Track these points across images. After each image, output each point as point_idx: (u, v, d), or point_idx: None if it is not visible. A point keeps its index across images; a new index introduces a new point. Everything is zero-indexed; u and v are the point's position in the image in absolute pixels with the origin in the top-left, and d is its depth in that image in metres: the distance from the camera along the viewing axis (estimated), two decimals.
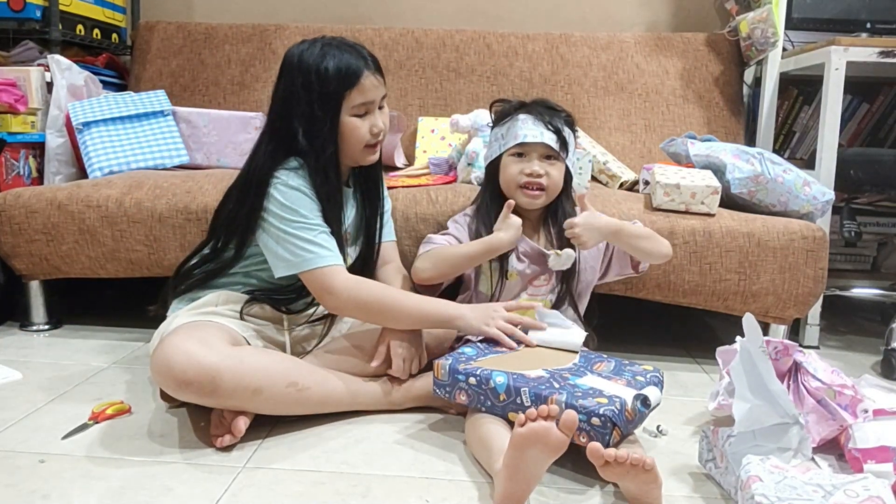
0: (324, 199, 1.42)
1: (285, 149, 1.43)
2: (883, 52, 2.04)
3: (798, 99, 2.62)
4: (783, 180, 1.84)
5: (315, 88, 1.40)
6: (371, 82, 1.43)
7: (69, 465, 1.21)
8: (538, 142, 1.52)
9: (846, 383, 1.32)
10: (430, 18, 2.74)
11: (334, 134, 1.42)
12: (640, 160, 2.41)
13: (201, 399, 1.27)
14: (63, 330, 1.97)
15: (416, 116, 2.50)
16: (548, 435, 1.04)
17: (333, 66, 1.39)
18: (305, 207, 1.39)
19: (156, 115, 2.22)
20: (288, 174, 1.41)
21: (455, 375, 1.30)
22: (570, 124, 1.59)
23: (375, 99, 1.45)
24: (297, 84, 1.41)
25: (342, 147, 1.45)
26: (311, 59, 1.41)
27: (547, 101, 1.60)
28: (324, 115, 1.40)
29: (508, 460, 1.08)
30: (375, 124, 1.45)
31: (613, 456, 1.05)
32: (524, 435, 1.05)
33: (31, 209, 1.83)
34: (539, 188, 1.55)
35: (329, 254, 1.39)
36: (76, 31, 2.38)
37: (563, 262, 1.55)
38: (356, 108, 1.43)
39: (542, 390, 1.22)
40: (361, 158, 1.49)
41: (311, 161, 1.41)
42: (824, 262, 1.80)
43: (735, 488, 1.13)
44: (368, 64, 1.43)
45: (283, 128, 1.44)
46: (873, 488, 1.00)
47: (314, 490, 1.15)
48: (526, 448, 1.05)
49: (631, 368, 1.36)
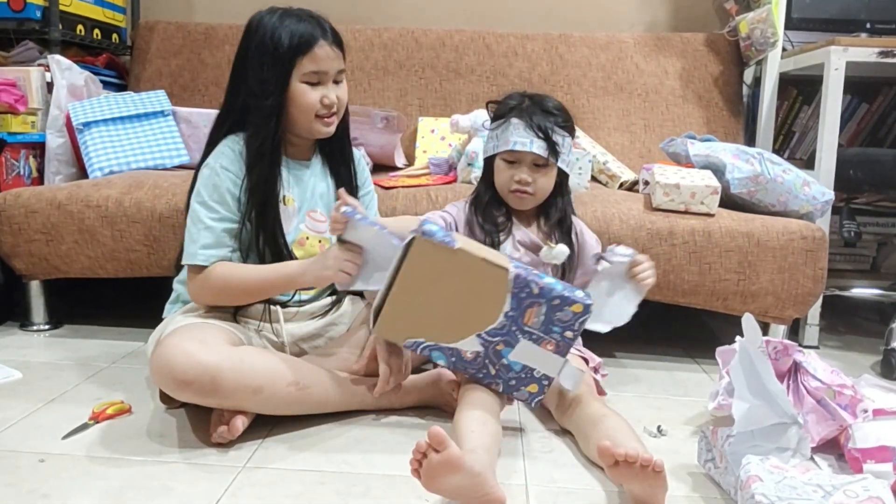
0: (255, 170, 1.41)
1: (231, 122, 1.45)
2: (882, 52, 2.05)
3: (797, 99, 2.62)
4: (783, 180, 1.84)
5: (268, 51, 1.39)
6: (325, 52, 1.41)
7: (69, 464, 1.21)
8: (527, 150, 1.52)
9: (846, 383, 1.32)
10: (430, 18, 2.74)
11: (281, 98, 1.41)
12: (639, 160, 2.41)
13: (202, 399, 1.27)
14: (63, 330, 1.97)
15: (416, 116, 2.50)
16: (447, 461, 1.03)
17: (288, 32, 1.39)
18: (218, 195, 1.40)
19: (156, 116, 2.22)
20: (222, 150, 1.42)
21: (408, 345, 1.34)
22: (567, 127, 1.57)
23: (329, 70, 1.43)
24: (252, 47, 1.42)
25: (291, 114, 1.44)
26: (268, 24, 1.41)
27: (545, 101, 1.58)
28: (273, 77, 1.40)
29: (442, 495, 1.09)
30: (327, 95, 1.43)
31: (624, 455, 1.05)
32: (428, 474, 1.05)
33: (31, 209, 1.83)
34: (528, 193, 1.57)
35: (205, 253, 1.38)
36: (76, 32, 2.38)
37: (554, 256, 1.56)
38: (308, 76, 1.41)
39: (480, 378, 1.33)
40: (314, 129, 1.47)
41: (254, 127, 1.41)
42: (824, 262, 1.80)
43: (734, 488, 1.13)
44: (326, 34, 1.42)
45: (233, 93, 1.45)
46: (873, 489, 1.00)
47: (314, 490, 1.15)
48: (439, 479, 1.05)
49: (560, 315, 1.27)
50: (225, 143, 1.44)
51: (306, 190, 1.52)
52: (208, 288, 1.40)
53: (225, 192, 1.40)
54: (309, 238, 1.52)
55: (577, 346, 1.61)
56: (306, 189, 1.52)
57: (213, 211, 1.40)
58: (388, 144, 2.33)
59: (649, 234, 1.79)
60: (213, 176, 1.41)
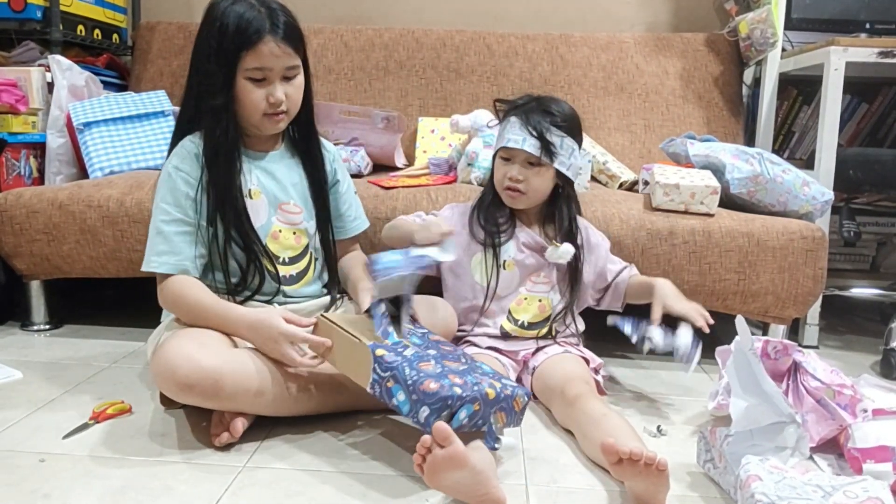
0: (212, 168, 1.38)
1: (186, 120, 1.43)
2: (882, 53, 2.05)
3: (797, 99, 2.62)
4: (782, 180, 1.84)
5: (214, 43, 1.34)
6: (271, 49, 1.34)
7: (70, 464, 1.21)
8: (518, 148, 1.53)
9: (845, 383, 1.32)
10: (431, 18, 2.74)
11: (227, 90, 1.35)
12: (639, 160, 2.41)
13: (204, 402, 1.27)
14: (64, 330, 1.98)
15: (416, 116, 2.50)
16: (451, 457, 1.04)
17: (233, 23, 1.32)
18: (172, 196, 1.38)
19: (156, 116, 2.22)
20: (177, 150, 1.41)
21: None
22: (565, 128, 1.56)
23: (274, 67, 1.36)
24: (203, 35, 1.38)
25: (239, 111, 1.39)
26: (218, 12, 1.35)
27: (547, 102, 1.57)
28: (218, 70, 1.34)
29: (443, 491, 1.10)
30: (272, 94, 1.37)
31: (629, 453, 1.05)
32: (431, 470, 1.06)
33: (32, 209, 1.84)
34: (518, 192, 1.56)
35: (158, 260, 1.37)
36: (77, 32, 2.39)
37: (559, 256, 1.56)
38: (251, 72, 1.35)
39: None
40: (263, 126, 1.42)
41: (207, 125, 1.38)
42: (823, 261, 1.81)
43: (734, 488, 1.13)
44: (275, 29, 1.34)
45: (188, 88, 1.42)
46: (873, 490, 1.00)
47: (314, 490, 1.16)
48: (442, 474, 1.06)
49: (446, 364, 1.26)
50: (181, 144, 1.43)
51: (275, 181, 1.49)
52: (165, 298, 1.39)
53: (179, 195, 1.38)
54: (282, 231, 1.49)
55: (577, 347, 1.62)
56: (275, 180, 1.49)
57: (165, 213, 1.38)
58: (388, 144, 2.33)
59: (649, 234, 1.79)
60: (166, 178, 1.40)
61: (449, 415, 1.15)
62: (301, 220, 1.51)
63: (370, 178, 2.12)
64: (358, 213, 1.69)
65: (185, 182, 1.39)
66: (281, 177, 1.50)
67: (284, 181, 1.50)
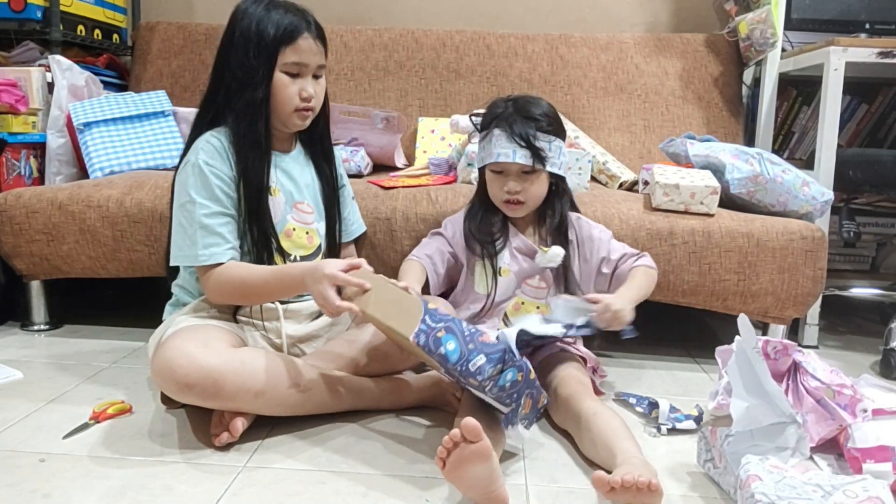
0: (247, 160, 1.41)
1: (214, 113, 1.45)
2: (882, 53, 2.05)
3: (797, 99, 2.62)
4: (782, 180, 1.84)
5: (253, 38, 1.41)
6: (309, 45, 1.44)
7: (70, 464, 1.21)
8: (510, 162, 1.53)
9: (845, 383, 1.32)
10: (430, 19, 2.74)
11: (266, 84, 1.42)
12: (639, 160, 2.41)
13: (204, 401, 1.27)
14: (63, 330, 1.98)
15: (416, 117, 2.50)
16: (479, 452, 1.06)
17: (274, 21, 1.42)
18: (207, 192, 1.39)
19: (156, 116, 2.23)
20: (201, 146, 1.42)
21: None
22: (552, 131, 1.55)
23: (310, 63, 1.45)
24: (237, 34, 1.43)
25: (273, 106, 1.45)
26: (254, 14, 1.43)
27: (528, 107, 1.55)
28: (258, 63, 1.41)
29: (457, 484, 1.10)
30: (305, 88, 1.44)
31: (620, 482, 1.05)
32: (455, 463, 1.07)
33: (31, 209, 1.84)
34: (518, 202, 1.57)
35: (207, 253, 1.37)
36: (77, 32, 2.39)
37: (549, 259, 1.56)
38: (288, 66, 1.43)
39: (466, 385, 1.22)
40: (290, 122, 1.48)
41: (241, 117, 1.42)
42: (823, 262, 1.81)
43: (734, 488, 1.13)
44: (311, 28, 1.45)
45: (216, 82, 1.46)
46: (872, 489, 1.00)
47: (314, 490, 1.16)
48: (465, 467, 1.07)
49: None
50: (203, 139, 1.44)
51: (292, 181, 1.53)
52: (215, 287, 1.39)
53: (214, 189, 1.40)
54: (296, 229, 1.52)
55: (576, 346, 1.62)
56: (292, 180, 1.53)
57: (205, 208, 1.39)
58: (388, 145, 2.33)
59: (649, 234, 1.79)
60: (197, 173, 1.40)
61: (499, 370, 1.17)
62: (313, 220, 1.55)
63: (370, 178, 2.12)
64: (356, 218, 1.74)
65: (217, 177, 1.41)
66: (297, 176, 1.54)
67: (299, 181, 1.54)
